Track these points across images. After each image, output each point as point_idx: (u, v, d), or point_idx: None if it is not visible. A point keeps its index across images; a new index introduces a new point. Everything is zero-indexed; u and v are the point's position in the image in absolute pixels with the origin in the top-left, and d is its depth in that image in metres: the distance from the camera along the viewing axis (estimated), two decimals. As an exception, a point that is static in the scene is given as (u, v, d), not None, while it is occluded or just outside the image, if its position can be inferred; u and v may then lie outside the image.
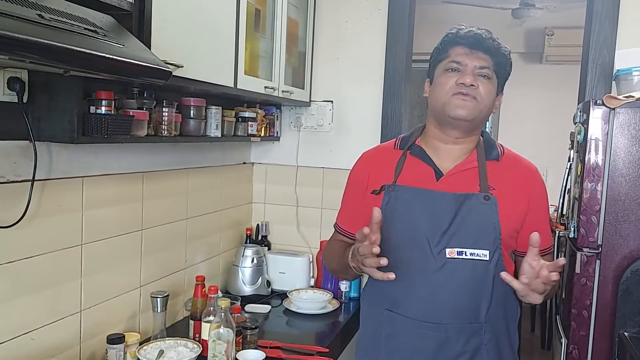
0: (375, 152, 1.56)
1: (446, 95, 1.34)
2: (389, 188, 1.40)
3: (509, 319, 1.40)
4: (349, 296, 2.36)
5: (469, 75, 1.32)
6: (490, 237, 1.32)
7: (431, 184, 1.38)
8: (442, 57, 1.38)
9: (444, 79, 1.35)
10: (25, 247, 1.38)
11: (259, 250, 2.39)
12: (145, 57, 1.17)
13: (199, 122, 1.86)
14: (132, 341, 1.59)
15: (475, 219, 1.32)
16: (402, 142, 1.48)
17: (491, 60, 1.35)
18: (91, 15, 1.13)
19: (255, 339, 1.77)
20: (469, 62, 1.33)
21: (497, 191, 1.34)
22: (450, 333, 1.33)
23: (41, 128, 1.33)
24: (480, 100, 1.33)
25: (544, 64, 4.99)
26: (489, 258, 1.31)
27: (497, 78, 1.37)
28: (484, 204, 1.32)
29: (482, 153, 1.39)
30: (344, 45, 2.49)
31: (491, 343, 1.35)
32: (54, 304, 1.48)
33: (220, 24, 1.73)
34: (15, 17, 0.87)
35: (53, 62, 0.96)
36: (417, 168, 1.41)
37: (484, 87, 1.34)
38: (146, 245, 1.84)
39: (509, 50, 1.40)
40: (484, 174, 1.36)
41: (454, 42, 1.36)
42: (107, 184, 1.65)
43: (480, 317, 1.34)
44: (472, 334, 1.34)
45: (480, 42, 1.34)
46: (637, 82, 1.95)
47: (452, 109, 1.34)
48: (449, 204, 1.33)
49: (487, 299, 1.33)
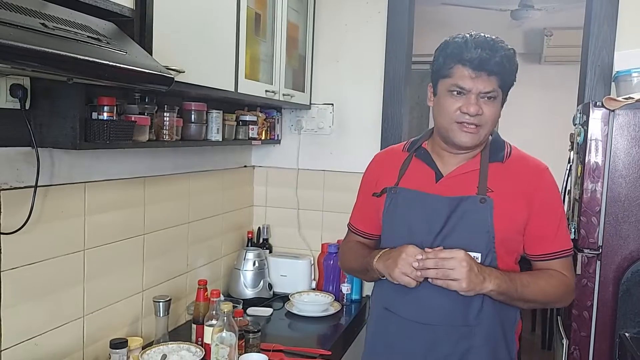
0: (385, 154, 1.59)
1: (450, 120, 1.32)
2: (391, 190, 1.42)
3: (505, 325, 1.39)
4: (350, 298, 2.36)
5: (473, 105, 1.29)
6: (483, 239, 1.32)
7: (430, 187, 1.39)
8: (445, 73, 1.32)
9: (448, 103, 1.32)
10: (29, 253, 1.39)
11: (260, 254, 2.39)
12: (147, 63, 1.18)
13: (200, 126, 1.86)
14: (135, 346, 1.60)
15: (469, 221, 1.33)
16: (411, 145, 1.49)
17: (497, 80, 1.30)
18: (94, 23, 1.14)
19: (257, 343, 1.77)
20: (474, 87, 1.29)
21: (496, 193, 1.33)
22: (439, 334, 1.35)
23: (43, 134, 1.33)
24: (484, 125, 1.32)
25: (543, 64, 5.00)
26: (481, 261, 1.32)
27: (502, 92, 1.33)
28: (479, 207, 1.32)
29: (487, 155, 1.39)
30: (344, 48, 2.50)
31: (484, 347, 1.35)
32: (57, 309, 1.49)
33: (220, 29, 1.73)
34: (19, 26, 0.87)
35: (57, 71, 0.97)
36: (419, 170, 1.43)
37: (489, 110, 1.31)
38: (148, 250, 1.85)
39: (515, 60, 1.33)
40: (484, 176, 1.36)
41: (458, 60, 1.29)
42: (109, 189, 1.66)
43: (470, 320, 1.34)
44: (462, 336, 1.35)
45: (485, 64, 1.27)
46: (636, 84, 1.95)
47: (455, 136, 1.33)
48: (443, 207, 1.35)
49: (477, 302, 1.33)
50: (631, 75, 1.96)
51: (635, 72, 1.96)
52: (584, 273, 1.90)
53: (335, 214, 2.49)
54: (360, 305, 2.36)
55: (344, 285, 2.36)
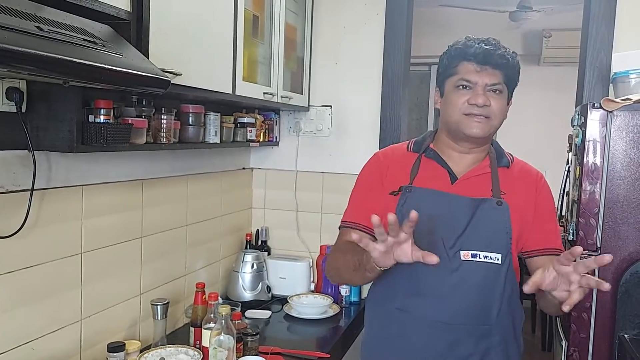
0: (390, 152, 1.56)
1: (459, 113, 1.36)
2: (406, 189, 1.41)
3: (516, 323, 1.43)
4: (349, 301, 2.36)
5: (481, 96, 1.33)
6: (502, 241, 1.36)
7: (446, 187, 1.41)
8: (450, 72, 1.38)
9: (456, 97, 1.36)
10: (25, 257, 1.38)
11: (259, 256, 2.39)
12: (143, 66, 1.18)
13: (197, 129, 1.86)
14: (133, 349, 1.59)
15: (489, 223, 1.36)
16: (416, 145, 1.50)
17: (501, 75, 1.35)
18: (89, 26, 1.13)
19: (256, 346, 1.77)
20: (480, 80, 1.33)
21: (508, 196, 1.38)
22: (460, 334, 1.36)
23: (40, 137, 1.33)
24: (493, 117, 1.35)
25: (542, 65, 5.00)
26: (502, 261, 1.35)
27: (507, 88, 1.38)
28: (497, 209, 1.36)
29: (494, 160, 1.44)
30: (342, 49, 2.50)
31: (500, 346, 1.38)
32: (54, 313, 1.48)
33: (217, 31, 1.73)
34: (14, 29, 0.87)
35: (52, 74, 0.96)
36: (432, 171, 1.44)
37: (497, 103, 1.35)
38: (146, 253, 1.84)
39: (517, 59, 1.39)
40: (496, 180, 1.40)
41: (462, 57, 1.35)
42: (106, 192, 1.65)
43: (490, 320, 1.36)
44: (482, 336, 1.36)
45: (489, 57, 1.33)
46: (634, 85, 1.95)
47: (466, 127, 1.36)
48: (465, 208, 1.36)
49: (497, 302, 1.36)
50: (629, 76, 1.96)
51: (633, 74, 1.95)
52: (583, 274, 1.90)
53: (334, 215, 2.45)
54: (359, 307, 2.35)
55: (343, 288, 2.36)
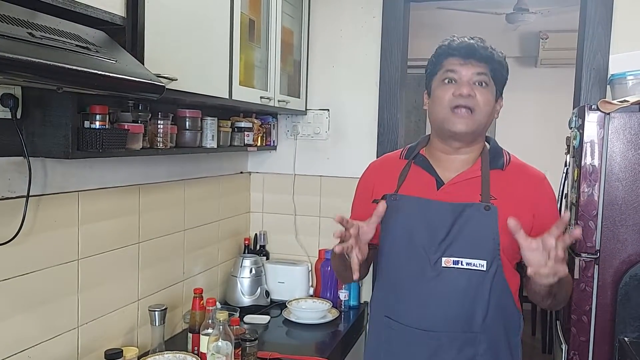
0: (381, 162, 1.57)
1: (445, 109, 1.34)
2: (390, 197, 1.40)
3: (509, 331, 1.38)
4: (348, 305, 2.35)
5: (466, 86, 1.32)
6: (488, 247, 1.31)
7: (431, 194, 1.38)
8: (436, 69, 1.38)
9: (441, 92, 1.35)
10: (21, 264, 1.38)
11: (257, 260, 2.38)
12: (138, 72, 1.17)
13: (194, 134, 1.85)
14: (131, 356, 1.58)
15: (474, 228, 1.31)
16: (408, 152, 1.49)
17: (486, 67, 1.34)
18: (83, 32, 1.13)
19: (254, 351, 1.75)
20: (464, 72, 1.33)
21: (499, 201, 1.33)
22: (442, 341, 1.33)
23: (35, 144, 1.32)
24: (478, 111, 1.33)
25: (539, 67, 5.00)
26: (486, 268, 1.30)
27: (494, 84, 1.37)
28: (484, 214, 1.31)
29: (487, 162, 1.39)
30: (339, 53, 2.50)
31: (487, 354, 1.34)
32: (51, 321, 1.47)
33: (214, 36, 1.73)
34: (6, 36, 0.87)
35: (45, 80, 0.96)
36: (419, 178, 1.42)
37: (482, 96, 1.33)
38: (143, 258, 1.84)
39: (504, 55, 1.40)
40: (486, 183, 1.35)
41: (447, 53, 1.36)
42: (103, 197, 1.64)
43: (474, 327, 1.33)
44: (466, 343, 1.33)
45: (473, 51, 1.34)
46: (631, 87, 1.95)
47: (451, 124, 1.34)
48: (446, 214, 1.33)
49: (482, 309, 1.32)
50: (626, 78, 1.96)
51: (630, 75, 1.95)
52: (582, 277, 1.89)
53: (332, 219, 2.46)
54: (358, 311, 2.35)
55: (342, 292, 2.35)
